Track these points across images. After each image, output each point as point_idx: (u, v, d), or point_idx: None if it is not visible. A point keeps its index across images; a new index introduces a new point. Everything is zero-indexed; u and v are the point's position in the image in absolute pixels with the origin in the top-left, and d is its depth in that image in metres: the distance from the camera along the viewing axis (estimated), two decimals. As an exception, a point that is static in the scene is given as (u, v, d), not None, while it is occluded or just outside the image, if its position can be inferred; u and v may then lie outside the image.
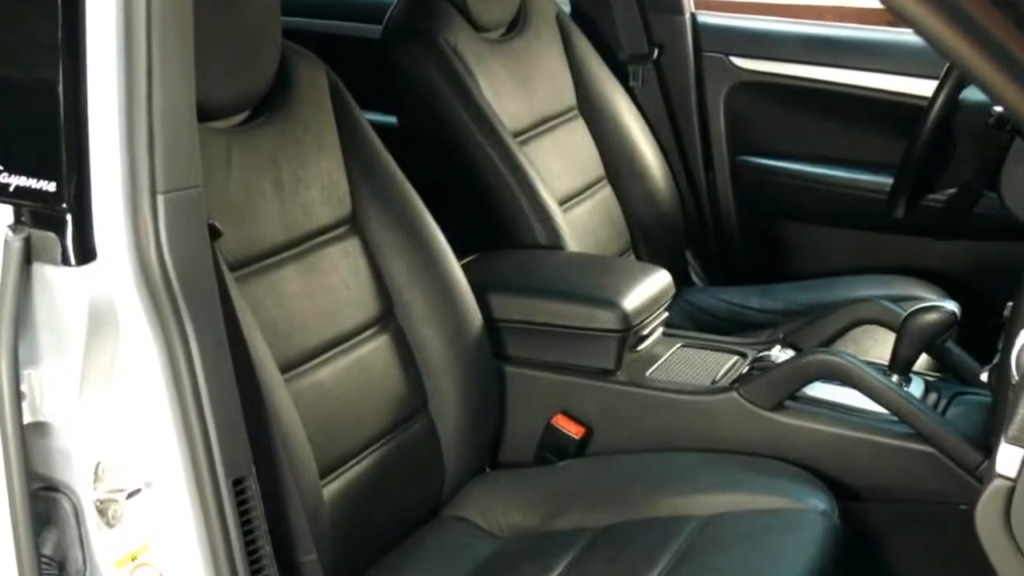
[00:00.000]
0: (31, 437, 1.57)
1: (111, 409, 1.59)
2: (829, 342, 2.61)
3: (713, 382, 2.47)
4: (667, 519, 2.18)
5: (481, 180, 2.82)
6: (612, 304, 2.46)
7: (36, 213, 1.56)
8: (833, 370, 2.33)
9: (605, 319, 2.46)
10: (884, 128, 3.19)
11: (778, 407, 2.37)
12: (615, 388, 2.49)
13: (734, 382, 2.44)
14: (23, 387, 1.55)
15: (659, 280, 2.61)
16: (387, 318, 2.29)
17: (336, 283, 2.21)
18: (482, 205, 2.84)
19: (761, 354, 2.52)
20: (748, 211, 3.42)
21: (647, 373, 2.51)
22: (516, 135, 2.90)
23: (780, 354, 2.49)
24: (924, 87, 2.96)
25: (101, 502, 1.59)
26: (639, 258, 3.17)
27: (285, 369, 2.04)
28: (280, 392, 1.95)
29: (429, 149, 2.88)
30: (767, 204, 3.40)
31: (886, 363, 2.39)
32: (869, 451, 2.30)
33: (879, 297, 2.66)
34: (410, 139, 2.84)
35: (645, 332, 2.54)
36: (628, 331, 2.46)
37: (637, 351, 2.54)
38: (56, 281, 1.56)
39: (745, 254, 3.46)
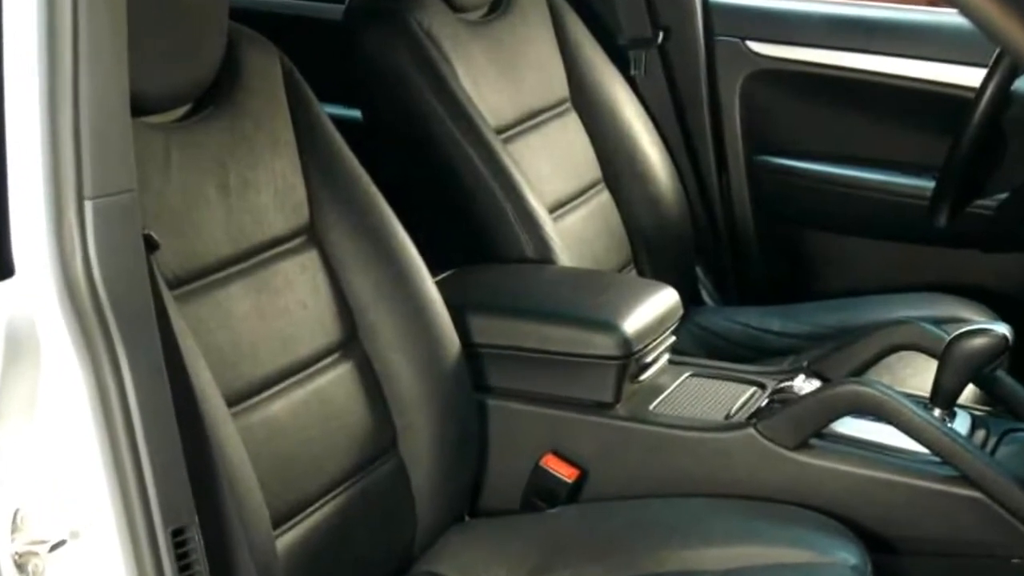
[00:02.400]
0: (-62, 481, 1.57)
1: (31, 448, 1.59)
2: (861, 371, 2.62)
3: (727, 417, 2.48)
4: (675, 575, 2.19)
5: (459, 184, 2.83)
6: (610, 327, 2.47)
7: (-56, 222, 1.57)
8: (865, 403, 2.34)
9: (602, 344, 2.46)
10: (924, 124, 3.21)
11: (802, 446, 2.38)
12: (614, 424, 2.49)
13: (751, 417, 2.45)
14: (-71, 423, 1.56)
15: (664, 299, 2.62)
16: (350, 343, 2.30)
17: (291, 303, 2.22)
18: (460, 212, 2.85)
19: (782, 385, 2.54)
20: (767, 219, 3.44)
21: (651, 407, 2.52)
22: (499, 131, 2.92)
23: (804, 385, 2.50)
24: (971, 76, 2.98)
25: (20, 555, 1.59)
26: (641, 274, 3.18)
27: (233, 402, 2.04)
28: (227, 428, 1.95)
29: (399, 148, 2.89)
30: (789, 211, 3.41)
31: (927, 395, 2.40)
32: (907, 496, 2.31)
33: (918, 319, 2.67)
34: (377, 136, 2.86)
35: (648, 359, 2.55)
36: (629, 358, 2.47)
37: (639, 381, 2.55)
38: (-32, 300, 1.57)
39: (763, 269, 3.47)
